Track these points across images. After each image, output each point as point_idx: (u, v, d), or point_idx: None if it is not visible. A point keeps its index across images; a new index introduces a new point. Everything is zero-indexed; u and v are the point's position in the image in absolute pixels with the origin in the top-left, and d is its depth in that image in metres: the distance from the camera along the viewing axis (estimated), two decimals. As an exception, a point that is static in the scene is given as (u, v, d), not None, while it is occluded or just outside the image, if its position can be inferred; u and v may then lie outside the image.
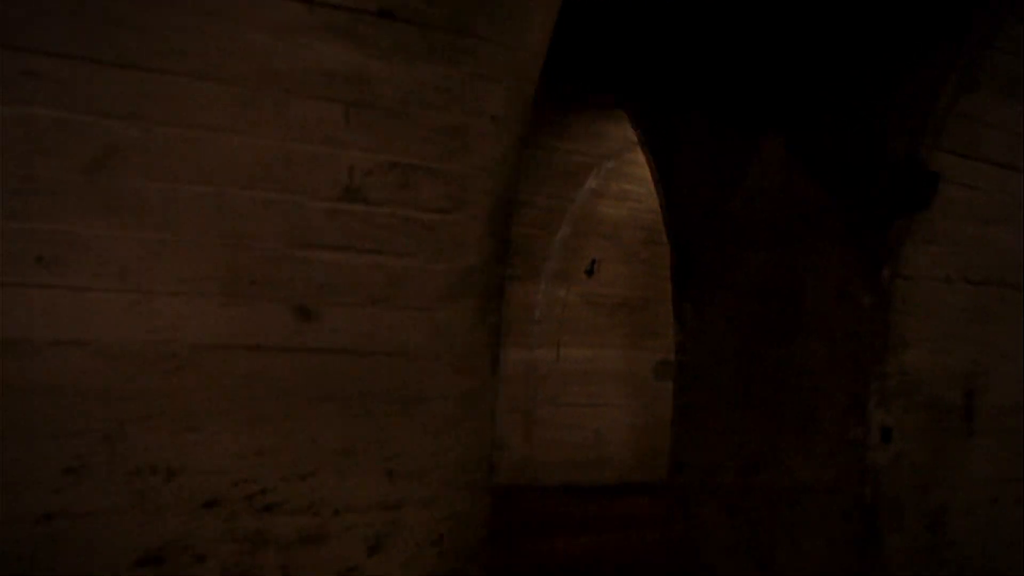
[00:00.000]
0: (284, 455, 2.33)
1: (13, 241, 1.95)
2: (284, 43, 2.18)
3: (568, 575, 6.30)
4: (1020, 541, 3.97)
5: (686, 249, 4.60)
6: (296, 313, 2.33)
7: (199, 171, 2.14)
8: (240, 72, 2.15)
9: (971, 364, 3.82)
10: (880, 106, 3.56)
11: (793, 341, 3.88)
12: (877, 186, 3.51)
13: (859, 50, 3.69)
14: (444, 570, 2.53)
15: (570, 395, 9.08)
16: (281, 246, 2.28)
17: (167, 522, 2.15)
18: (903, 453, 3.60)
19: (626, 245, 8.98)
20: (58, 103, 1.97)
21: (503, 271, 2.70)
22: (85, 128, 2.01)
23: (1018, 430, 4.02)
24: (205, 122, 2.14)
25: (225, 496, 2.23)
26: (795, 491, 3.83)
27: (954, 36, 3.39)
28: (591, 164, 8.09)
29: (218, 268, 2.19)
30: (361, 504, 2.43)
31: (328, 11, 2.23)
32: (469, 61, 2.43)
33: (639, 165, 8.30)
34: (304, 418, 2.35)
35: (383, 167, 2.37)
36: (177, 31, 2.07)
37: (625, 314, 9.31)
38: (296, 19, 2.19)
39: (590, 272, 8.90)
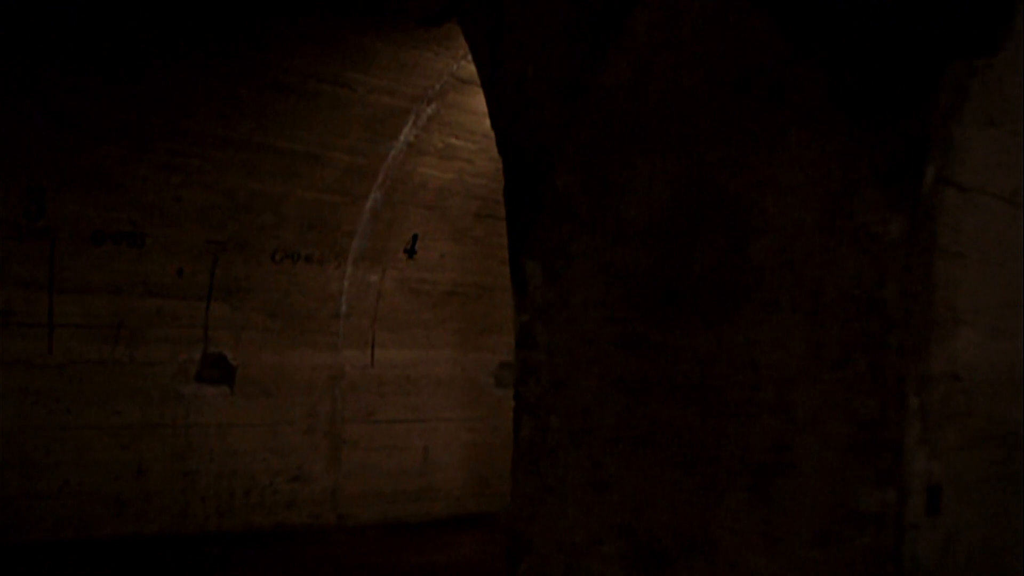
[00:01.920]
0: None
1: None
2: None
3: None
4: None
5: (530, 165, 2.73)
6: None
7: None
8: None
9: (1039, 355, 2.13)
10: None
11: (736, 318, 2.08)
12: (910, 9, 1.76)
13: None
14: None
15: (389, 409, 7.15)
16: None
17: None
18: (958, 532, 1.85)
19: (455, 218, 7.12)
20: None
21: None
22: None
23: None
24: None
25: None
26: (746, 604, 2.02)
27: None
28: (405, 109, 6.18)
29: None
30: None
31: None
32: None
33: (469, 112, 6.46)
34: None
35: None
36: None
37: (456, 305, 7.45)
38: None
39: (410, 252, 7.00)
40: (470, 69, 5.88)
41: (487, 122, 6.40)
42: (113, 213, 5.72)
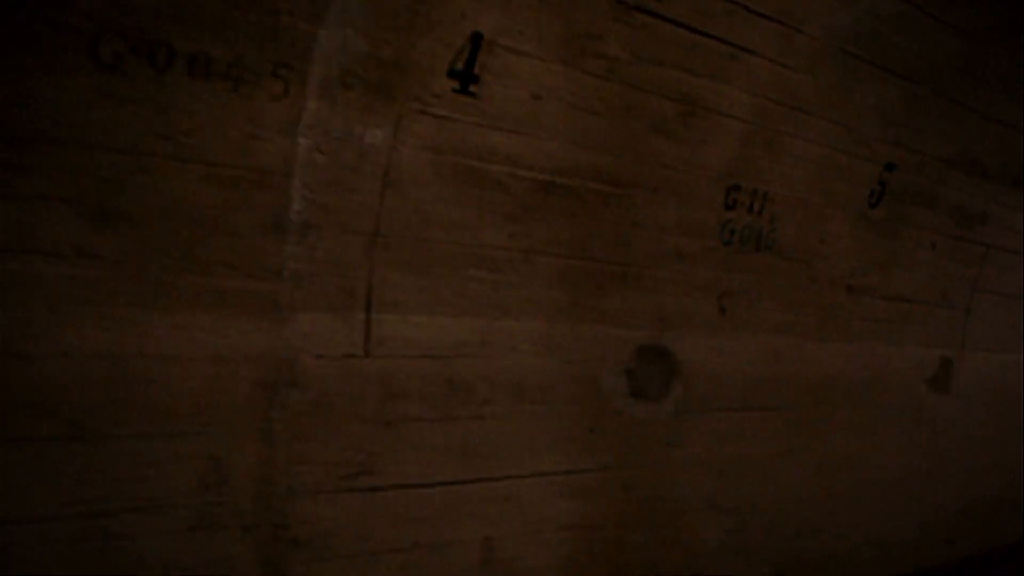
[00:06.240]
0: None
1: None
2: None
3: None
4: None
5: None
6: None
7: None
8: None
9: None
10: None
11: None
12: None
13: None
14: None
15: (406, 455, 3.04)
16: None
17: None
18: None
19: (572, 4, 2.97)
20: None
21: None
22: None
23: None
24: None
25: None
26: None
27: None
28: None
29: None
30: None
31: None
32: None
33: None
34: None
35: None
36: None
37: (559, 217, 3.30)
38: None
39: (464, 77, 2.85)
40: None
41: None
42: None
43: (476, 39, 2.80)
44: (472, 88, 2.87)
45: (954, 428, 5.42)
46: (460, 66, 2.82)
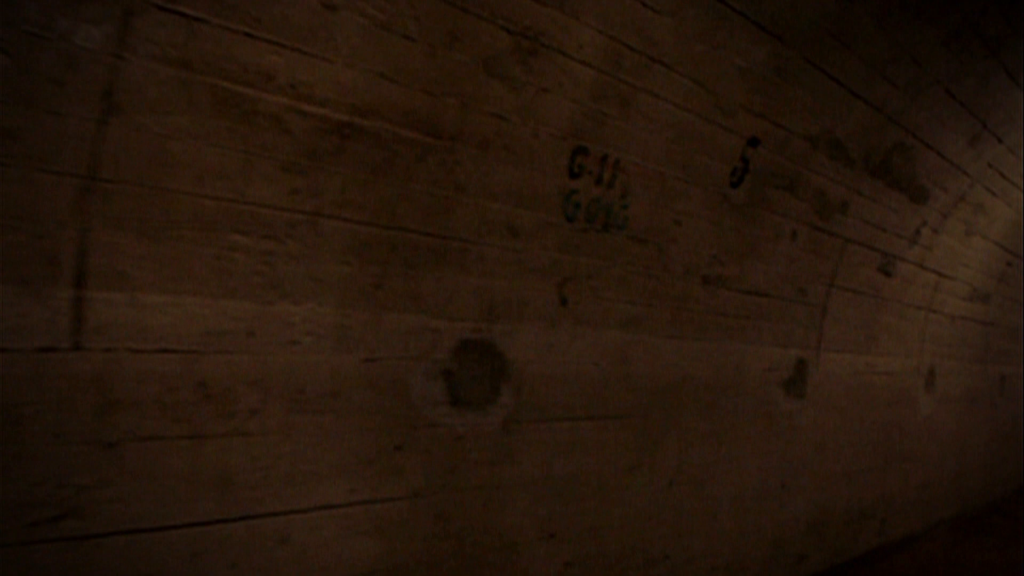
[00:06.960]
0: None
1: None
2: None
3: None
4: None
5: None
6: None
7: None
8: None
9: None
10: None
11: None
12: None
13: None
14: None
15: (129, 488, 2.20)
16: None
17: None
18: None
19: None
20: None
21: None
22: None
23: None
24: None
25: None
26: None
27: None
28: None
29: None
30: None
31: None
32: None
33: None
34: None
35: None
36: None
37: (358, 171, 2.53)
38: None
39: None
40: None
41: None
42: None
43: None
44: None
45: (808, 435, 4.96)
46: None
